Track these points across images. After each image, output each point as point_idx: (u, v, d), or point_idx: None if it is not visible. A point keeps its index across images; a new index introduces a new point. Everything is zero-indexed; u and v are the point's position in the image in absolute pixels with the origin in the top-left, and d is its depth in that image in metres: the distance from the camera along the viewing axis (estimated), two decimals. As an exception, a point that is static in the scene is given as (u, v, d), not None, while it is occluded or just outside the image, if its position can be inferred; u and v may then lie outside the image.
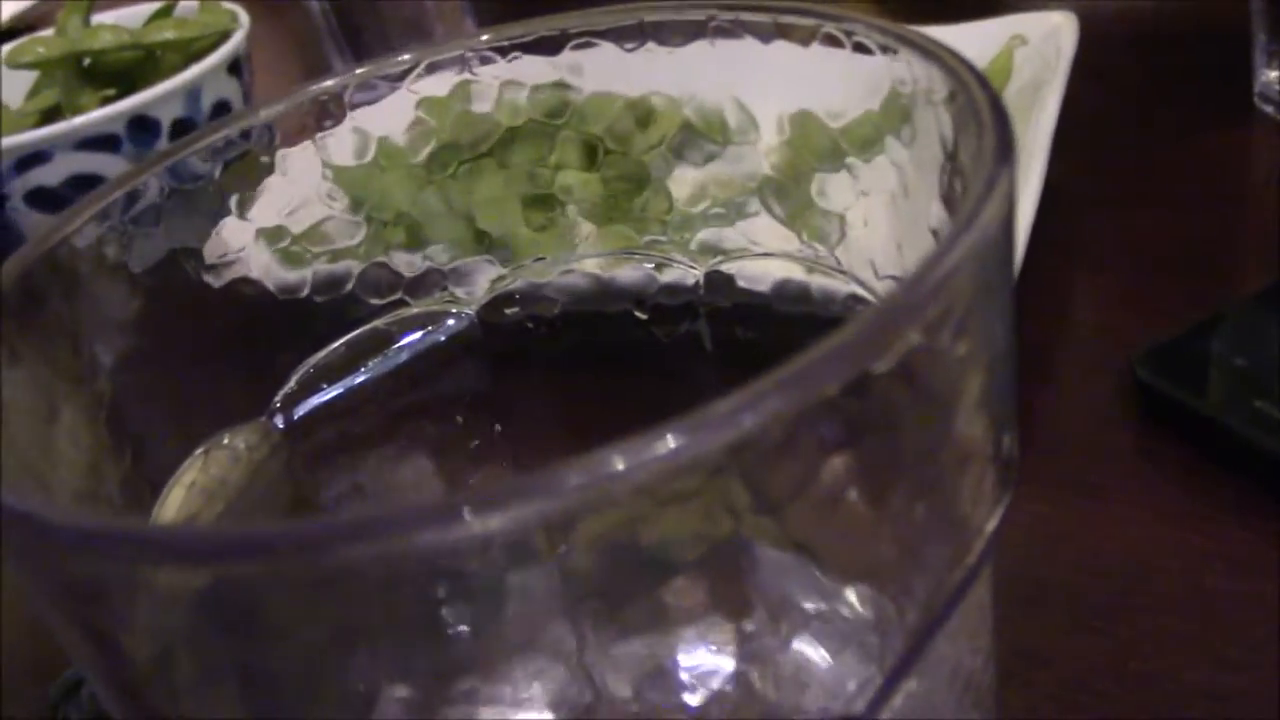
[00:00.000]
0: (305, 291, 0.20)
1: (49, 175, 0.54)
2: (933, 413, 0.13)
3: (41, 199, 0.55)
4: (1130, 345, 0.38)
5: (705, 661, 0.14)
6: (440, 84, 0.22)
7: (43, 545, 0.12)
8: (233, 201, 0.20)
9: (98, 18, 0.62)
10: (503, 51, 0.20)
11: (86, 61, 0.59)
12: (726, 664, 0.13)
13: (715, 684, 0.13)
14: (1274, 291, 0.39)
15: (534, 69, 0.22)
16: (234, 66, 0.58)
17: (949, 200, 0.16)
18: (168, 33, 0.59)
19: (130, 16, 0.63)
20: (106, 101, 0.56)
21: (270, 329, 0.20)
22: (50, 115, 0.58)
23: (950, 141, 0.15)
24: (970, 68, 0.15)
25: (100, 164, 0.55)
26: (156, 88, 0.55)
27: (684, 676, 0.14)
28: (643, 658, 0.14)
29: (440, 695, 0.15)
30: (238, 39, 0.59)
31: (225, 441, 0.19)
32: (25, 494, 0.13)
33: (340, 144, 0.22)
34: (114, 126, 0.54)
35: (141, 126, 0.55)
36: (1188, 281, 0.44)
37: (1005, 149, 0.13)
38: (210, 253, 0.19)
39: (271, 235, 0.21)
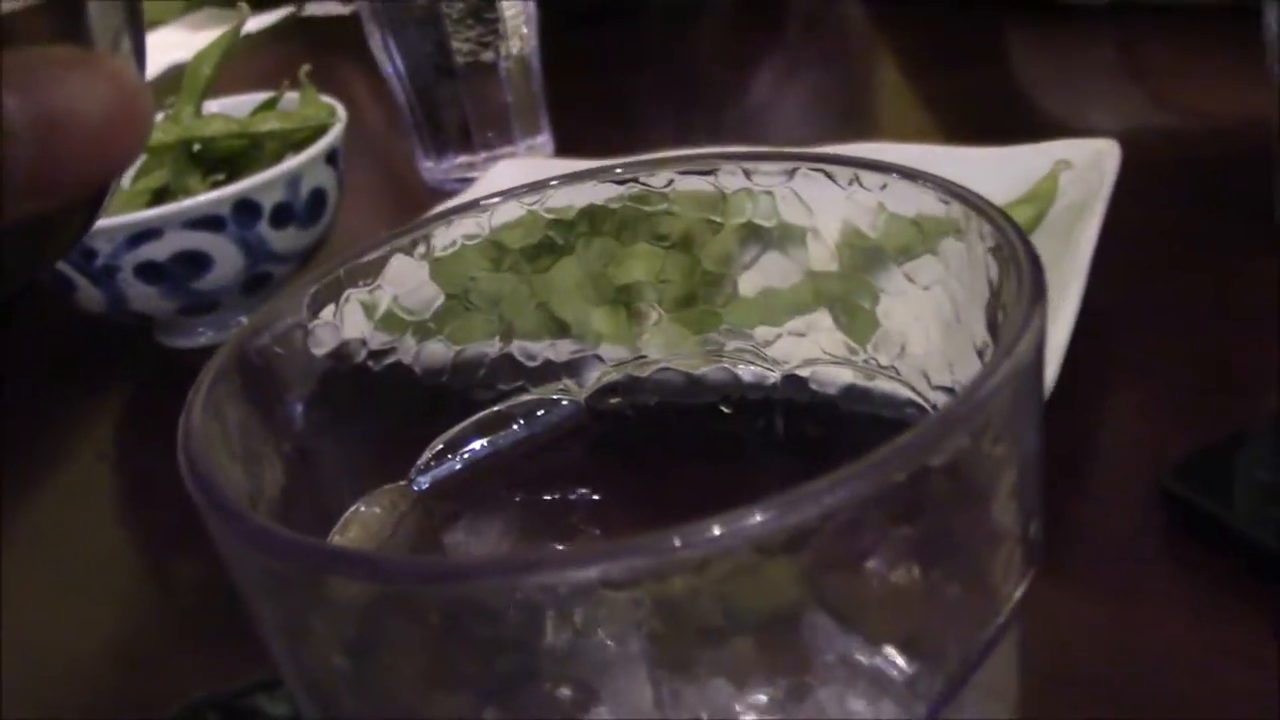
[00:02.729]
0: (445, 377, 0.24)
1: (158, 251, 0.58)
2: (973, 501, 0.16)
3: (149, 272, 0.58)
4: (1161, 458, 0.41)
5: (760, 708, 0.17)
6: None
7: (250, 545, 0.16)
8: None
9: (207, 106, 0.66)
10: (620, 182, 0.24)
11: (196, 147, 0.63)
12: (779, 710, 0.16)
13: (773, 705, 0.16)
14: (1294, 412, 0.42)
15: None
16: (331, 157, 0.63)
17: (992, 327, 0.19)
18: (272, 124, 0.64)
19: (236, 106, 0.67)
20: (214, 186, 0.60)
21: (415, 408, 0.24)
22: (159, 195, 0.63)
23: (995, 281, 0.19)
24: (1012, 223, 0.19)
25: (205, 242, 0.59)
26: (261, 175, 0.59)
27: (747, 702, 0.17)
28: (708, 702, 0.17)
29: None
30: (336, 132, 0.63)
31: (376, 500, 0.22)
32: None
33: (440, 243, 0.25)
34: (220, 209, 0.58)
35: (245, 209, 0.59)
36: (1216, 399, 0.46)
37: (1038, 292, 0.17)
38: (371, 341, 0.23)
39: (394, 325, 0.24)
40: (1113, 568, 0.40)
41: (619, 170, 0.24)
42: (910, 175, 0.21)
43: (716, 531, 0.14)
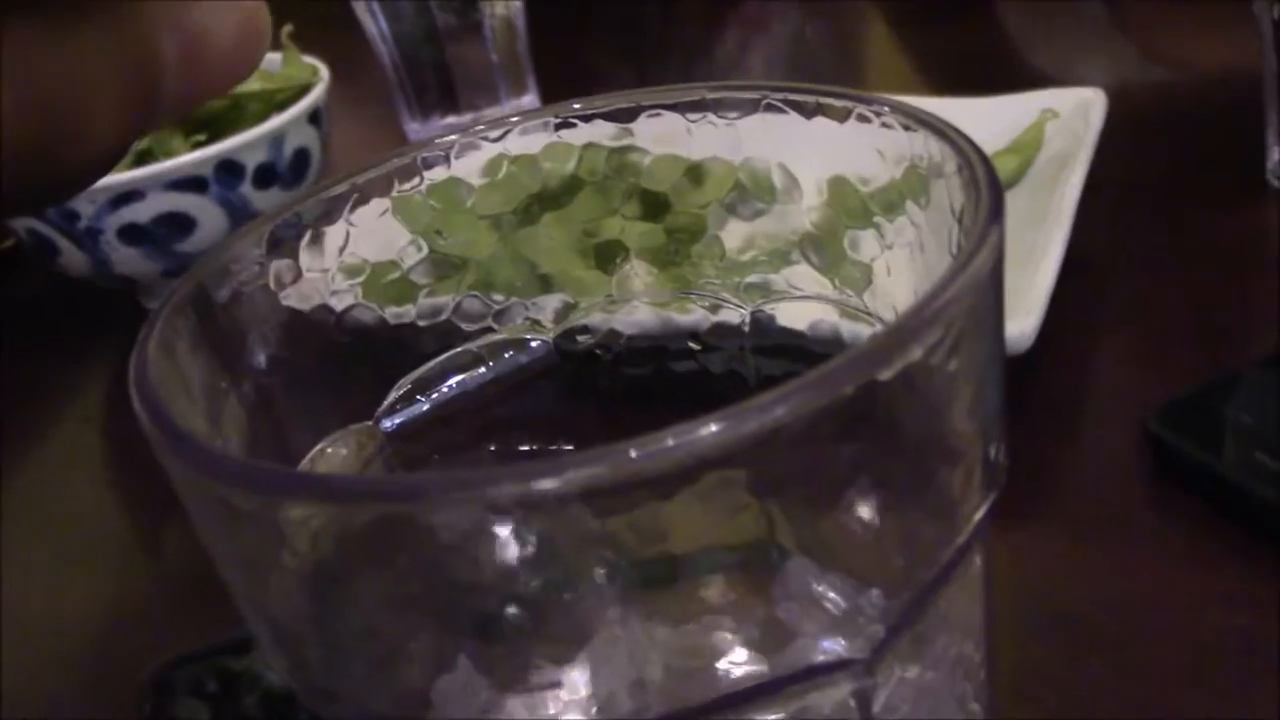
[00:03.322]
0: (412, 318, 0.24)
1: (140, 213, 0.58)
2: (928, 418, 0.16)
3: (132, 234, 0.58)
4: (1145, 403, 0.41)
5: (715, 630, 0.16)
6: (524, 143, 0.25)
7: (206, 474, 0.16)
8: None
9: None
10: (585, 119, 0.23)
11: (178, 109, 0.63)
12: (747, 610, 0.16)
13: (733, 624, 0.16)
14: (1277, 355, 0.42)
15: (604, 133, 0.25)
16: (314, 117, 0.62)
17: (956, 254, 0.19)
18: (254, 84, 0.63)
19: (219, 68, 0.67)
20: (196, 146, 0.60)
21: (381, 347, 0.23)
22: (142, 157, 0.62)
23: (958, 207, 0.19)
24: (974, 146, 0.18)
25: (188, 204, 0.58)
26: (243, 135, 0.59)
27: (706, 623, 0.16)
28: (660, 626, 0.17)
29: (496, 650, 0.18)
30: (318, 91, 0.63)
31: (341, 439, 0.22)
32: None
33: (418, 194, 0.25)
34: (203, 170, 0.58)
35: (228, 170, 0.59)
36: (1201, 346, 0.47)
37: (996, 208, 0.17)
38: (333, 280, 0.22)
39: (355, 270, 0.24)
40: (1096, 511, 0.40)
41: (577, 106, 0.23)
42: (872, 103, 0.20)
43: (670, 442, 0.14)
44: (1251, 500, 0.37)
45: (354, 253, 0.22)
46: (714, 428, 0.14)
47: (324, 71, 0.65)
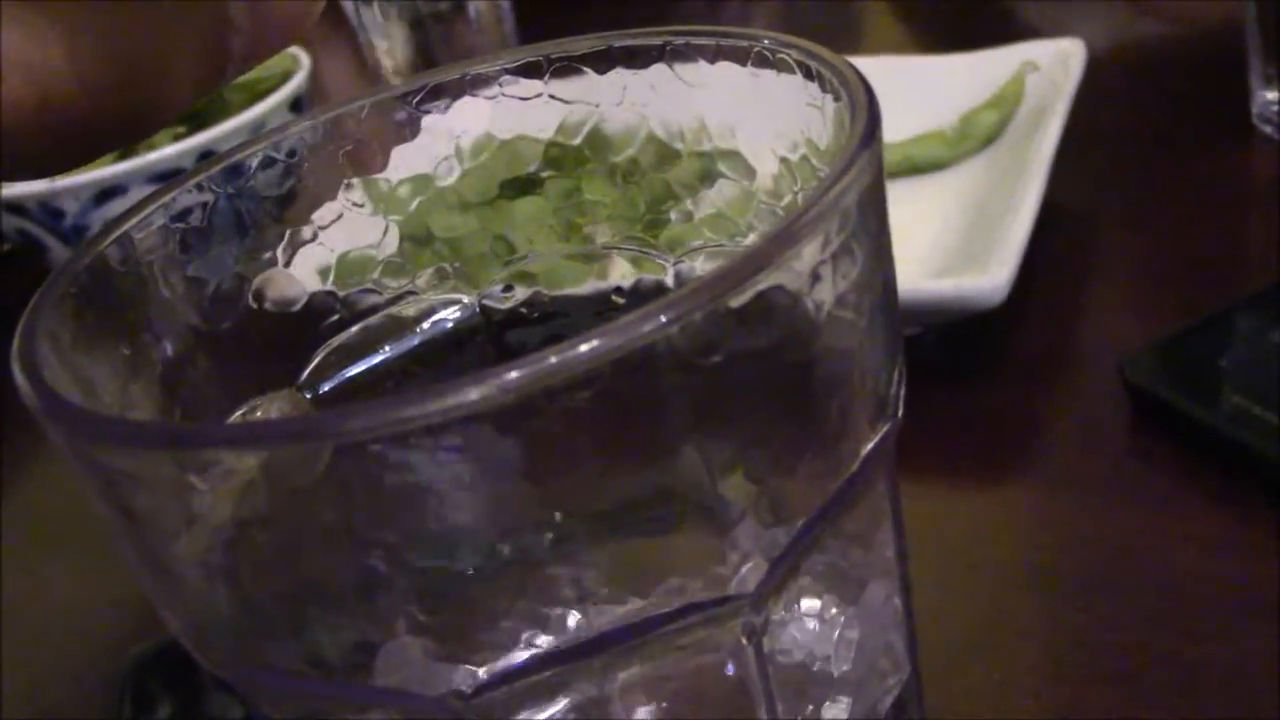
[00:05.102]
0: (329, 282, 0.24)
1: (125, 207, 0.58)
2: (802, 341, 0.16)
3: (119, 229, 0.59)
4: (1123, 350, 0.41)
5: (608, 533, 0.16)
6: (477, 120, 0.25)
7: (90, 438, 0.16)
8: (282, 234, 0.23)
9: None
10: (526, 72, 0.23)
11: (160, 102, 0.63)
12: (627, 532, 0.16)
13: (609, 563, 0.16)
14: (1257, 299, 0.42)
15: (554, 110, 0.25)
16: (296, 104, 0.62)
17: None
18: (234, 75, 0.63)
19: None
20: (178, 138, 0.60)
21: (297, 314, 0.23)
22: (126, 153, 0.63)
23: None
24: (851, 68, 0.18)
25: (172, 196, 0.59)
26: (223, 125, 0.59)
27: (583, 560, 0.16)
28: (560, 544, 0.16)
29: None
30: (299, 79, 0.63)
31: (261, 406, 0.22)
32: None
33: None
34: (185, 161, 0.58)
35: (210, 161, 0.59)
36: (1181, 292, 0.46)
37: (869, 133, 0.16)
38: (246, 243, 0.22)
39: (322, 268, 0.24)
40: (1074, 460, 0.40)
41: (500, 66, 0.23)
42: (763, 38, 0.20)
43: (553, 360, 0.14)
44: (1228, 444, 0.37)
45: (265, 213, 0.22)
46: (587, 344, 0.14)
47: (305, 59, 0.65)
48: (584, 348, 0.14)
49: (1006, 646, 0.34)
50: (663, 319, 0.14)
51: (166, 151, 0.58)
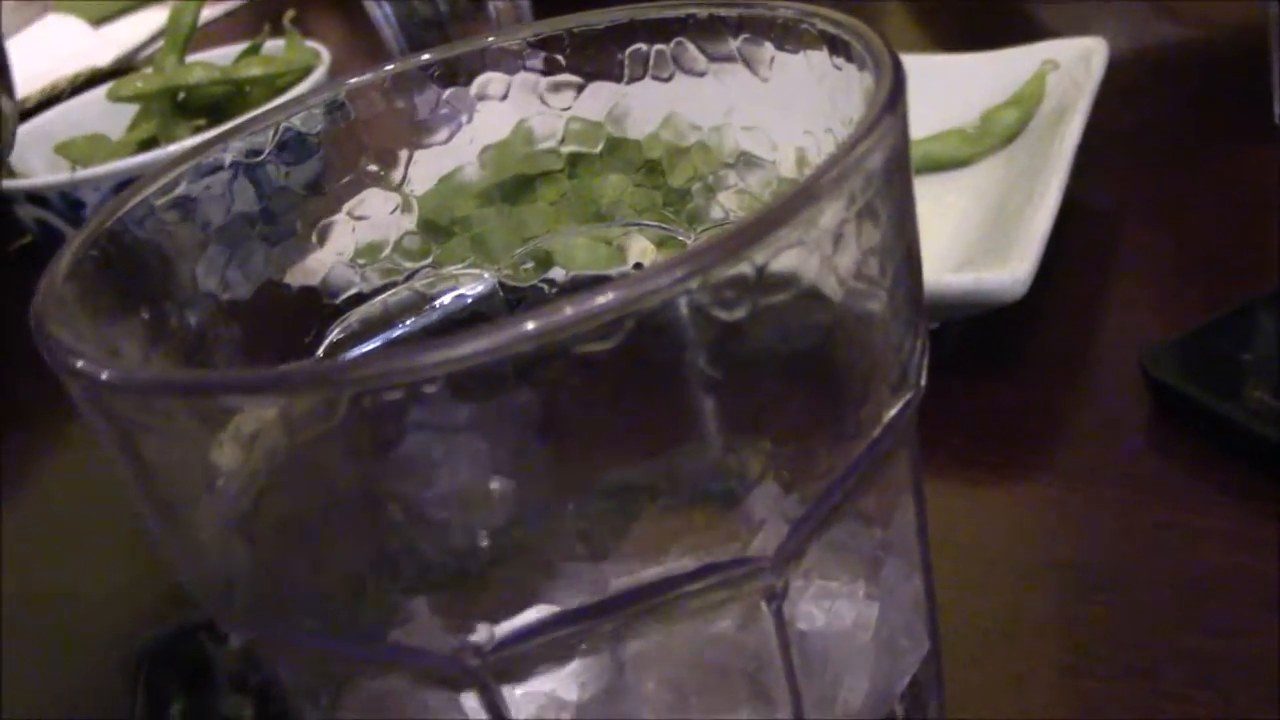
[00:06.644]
0: (349, 254, 0.23)
1: (145, 200, 0.58)
2: (825, 304, 0.16)
3: (138, 221, 0.59)
4: (1144, 346, 0.41)
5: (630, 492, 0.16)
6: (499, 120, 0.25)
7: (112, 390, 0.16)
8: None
9: (191, 57, 0.66)
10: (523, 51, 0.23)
11: (181, 96, 0.63)
12: (645, 490, 0.16)
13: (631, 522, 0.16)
14: (1278, 295, 0.41)
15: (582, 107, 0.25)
16: (315, 99, 0.62)
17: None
18: (255, 69, 0.63)
19: (221, 56, 0.67)
20: (198, 131, 0.60)
21: (318, 285, 0.23)
22: (147, 145, 0.63)
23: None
24: (878, 36, 0.18)
25: (192, 189, 0.59)
26: (242, 119, 0.59)
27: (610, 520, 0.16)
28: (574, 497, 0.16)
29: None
30: (319, 74, 0.63)
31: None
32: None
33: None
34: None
35: (230, 154, 0.59)
36: (1201, 289, 0.46)
37: (894, 97, 0.16)
38: (267, 214, 0.22)
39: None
40: (1094, 454, 0.39)
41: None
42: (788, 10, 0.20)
43: (570, 311, 0.14)
44: (1249, 438, 0.37)
45: (288, 185, 0.22)
46: (605, 297, 0.14)
47: (325, 54, 0.65)
48: (602, 299, 0.14)
49: (1025, 641, 0.34)
50: (681, 273, 0.14)
51: (186, 144, 0.58)
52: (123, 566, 0.46)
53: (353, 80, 0.23)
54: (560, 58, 0.23)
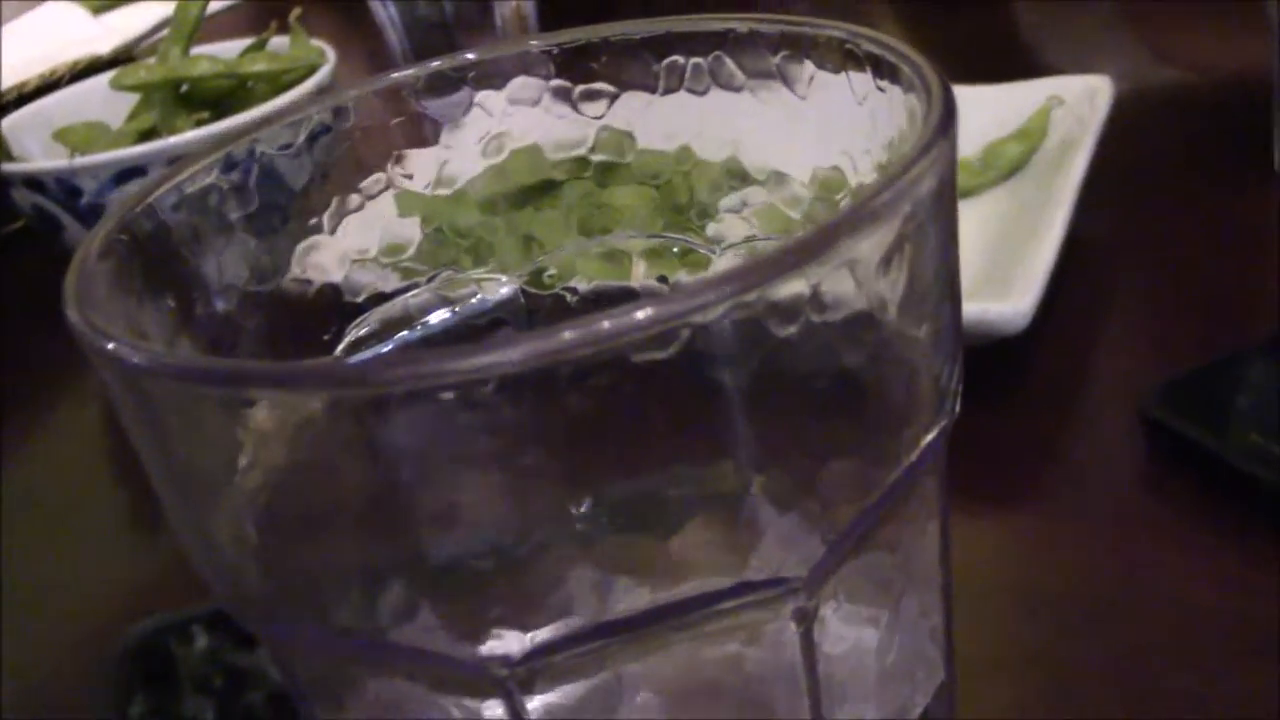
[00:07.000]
0: (372, 253, 0.23)
1: (143, 189, 0.58)
2: (868, 326, 0.16)
3: (135, 211, 0.58)
4: (1144, 386, 0.41)
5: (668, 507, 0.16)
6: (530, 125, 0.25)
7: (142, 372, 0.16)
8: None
9: (194, 50, 0.66)
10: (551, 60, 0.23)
11: (184, 88, 0.63)
12: (686, 509, 0.16)
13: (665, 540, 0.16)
14: (1276, 339, 0.41)
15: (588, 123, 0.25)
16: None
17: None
18: (260, 65, 0.63)
19: (226, 50, 0.67)
20: (200, 124, 0.60)
21: (338, 285, 0.23)
22: (147, 135, 0.62)
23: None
24: (927, 62, 0.18)
25: (191, 181, 0.58)
26: (245, 114, 0.59)
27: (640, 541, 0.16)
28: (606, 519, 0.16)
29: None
30: (324, 72, 0.62)
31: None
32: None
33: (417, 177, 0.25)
34: (204, 147, 0.58)
35: (231, 149, 0.59)
36: (1203, 330, 0.46)
37: (945, 123, 0.16)
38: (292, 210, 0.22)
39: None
40: (1090, 491, 0.40)
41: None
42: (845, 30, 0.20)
43: (606, 325, 0.14)
44: (1246, 481, 0.37)
45: (312, 181, 0.22)
46: (642, 314, 0.13)
47: (330, 53, 0.64)
48: (641, 315, 0.14)
49: (1014, 674, 0.34)
50: (735, 287, 0.14)
51: (187, 136, 0.58)
52: (93, 569, 0.46)
53: (388, 78, 0.23)
54: (595, 65, 0.23)
